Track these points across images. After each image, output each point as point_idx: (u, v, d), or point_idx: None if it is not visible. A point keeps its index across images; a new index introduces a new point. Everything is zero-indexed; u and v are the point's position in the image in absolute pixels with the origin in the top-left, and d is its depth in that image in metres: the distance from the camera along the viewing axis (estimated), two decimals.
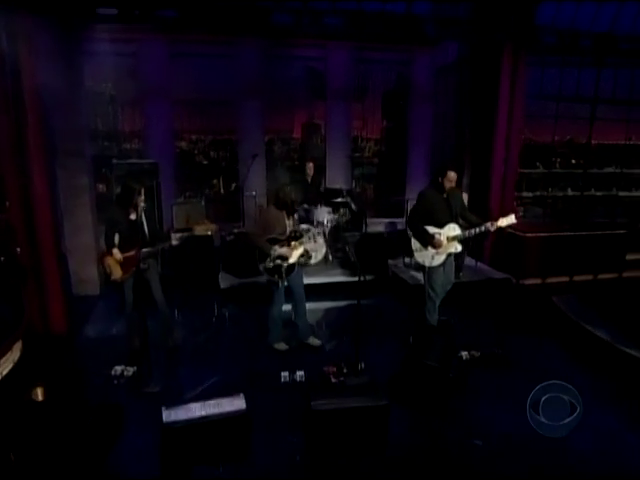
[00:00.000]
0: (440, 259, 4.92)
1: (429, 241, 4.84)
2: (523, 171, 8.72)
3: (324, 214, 7.04)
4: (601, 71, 8.30)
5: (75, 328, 5.31)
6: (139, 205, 4.52)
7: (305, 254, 4.57)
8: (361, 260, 6.71)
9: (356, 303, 6.24)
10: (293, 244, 4.51)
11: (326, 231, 4.54)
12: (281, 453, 3.42)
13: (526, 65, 7.12)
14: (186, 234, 4.67)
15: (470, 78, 7.85)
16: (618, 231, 7.60)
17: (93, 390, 4.11)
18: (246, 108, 8.53)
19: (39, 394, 3.80)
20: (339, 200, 7.49)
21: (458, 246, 4.93)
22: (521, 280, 7.00)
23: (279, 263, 4.46)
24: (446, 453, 3.50)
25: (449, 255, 4.99)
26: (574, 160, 10.23)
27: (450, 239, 4.87)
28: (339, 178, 8.96)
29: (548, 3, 7.05)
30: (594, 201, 9.64)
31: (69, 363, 4.57)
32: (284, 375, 4.29)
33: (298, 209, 4.74)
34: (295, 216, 4.66)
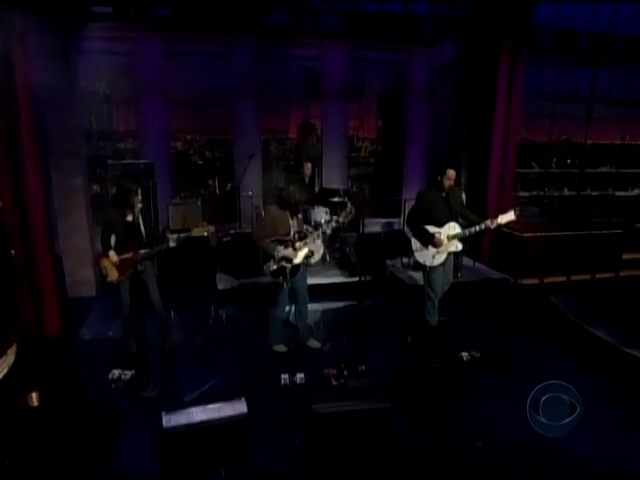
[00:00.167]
0: (441, 258, 4.90)
1: (429, 240, 4.82)
2: (519, 171, 8.71)
3: (321, 214, 7.00)
4: (597, 71, 8.32)
5: (71, 331, 5.23)
6: (136, 206, 4.45)
7: (310, 255, 4.50)
8: (359, 261, 6.75)
9: (354, 304, 6.27)
10: (298, 245, 4.43)
11: (328, 232, 4.45)
12: (282, 456, 3.38)
13: (523, 65, 7.12)
14: (183, 236, 4.57)
15: (467, 78, 7.82)
16: (615, 231, 7.62)
17: (90, 394, 4.04)
18: (242, 108, 8.47)
19: (34, 399, 3.73)
20: (336, 200, 7.45)
21: (459, 245, 4.92)
22: (519, 280, 7.00)
23: (283, 265, 4.39)
24: (449, 454, 3.47)
25: (449, 254, 4.98)
26: (570, 160, 10.28)
27: (450, 238, 4.86)
28: (335, 178, 8.92)
29: (545, 3, 7.05)
30: (590, 201, 9.68)
31: (65, 367, 4.49)
32: (284, 377, 4.24)
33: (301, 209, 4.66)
34: (299, 216, 4.58)
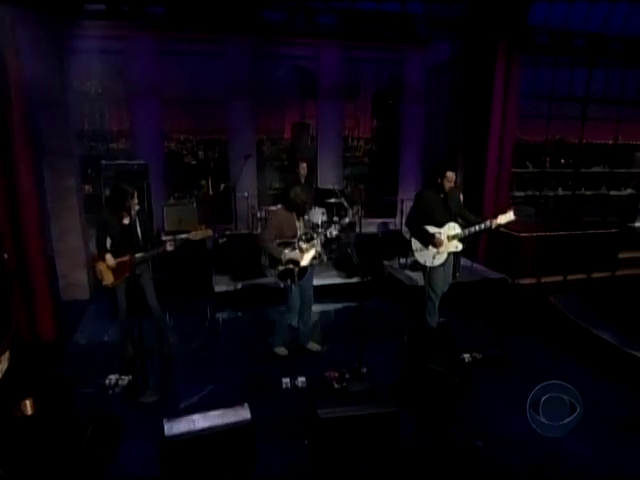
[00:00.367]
0: (441, 259, 4.89)
1: (429, 240, 4.82)
2: (514, 171, 8.73)
3: (318, 215, 6.95)
4: (592, 71, 8.36)
5: (65, 335, 5.11)
6: (132, 209, 4.36)
7: (317, 257, 4.42)
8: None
9: (352, 305, 6.27)
10: (305, 247, 4.35)
11: (335, 232, 4.38)
12: (287, 462, 3.31)
13: (519, 65, 7.12)
14: (180, 239, 4.48)
15: (463, 78, 7.82)
16: (610, 230, 7.65)
17: (86, 401, 3.94)
18: (236, 107, 8.38)
19: (28, 407, 3.63)
20: (332, 201, 7.40)
21: (459, 245, 4.92)
22: (516, 280, 7.00)
23: (291, 267, 4.31)
24: (454, 457, 3.43)
25: (449, 255, 4.96)
26: (563, 160, 10.33)
27: (450, 238, 4.86)
28: (331, 178, 8.85)
29: (540, 3, 7.05)
30: (584, 200, 9.73)
31: (60, 372, 4.36)
32: (285, 381, 4.17)
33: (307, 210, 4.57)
34: (305, 217, 4.50)
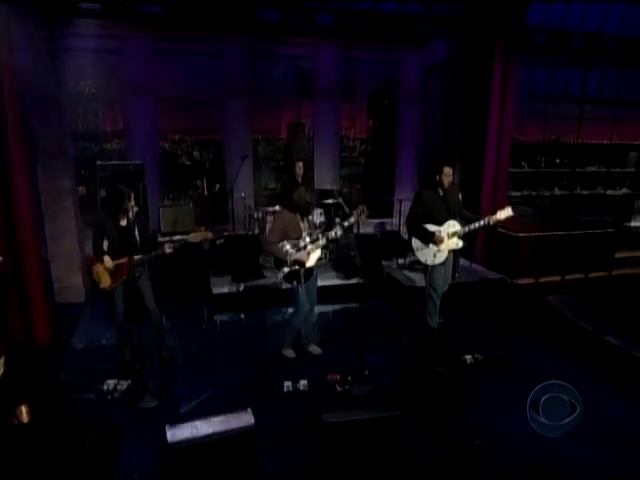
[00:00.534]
0: (442, 257, 4.90)
1: (430, 239, 4.84)
2: (510, 170, 8.74)
3: (317, 216, 6.90)
4: (589, 71, 8.37)
5: (61, 339, 5.02)
6: (129, 210, 4.29)
7: (323, 257, 4.38)
8: (354, 262, 6.66)
9: (351, 306, 6.24)
10: (310, 248, 4.30)
11: (340, 233, 4.33)
12: (291, 468, 3.27)
13: (517, 65, 7.12)
14: (177, 240, 4.42)
15: (460, 77, 7.81)
16: (607, 230, 7.68)
17: (85, 407, 3.85)
18: (233, 107, 8.32)
19: (24, 414, 3.55)
20: (330, 201, 7.35)
21: (459, 242, 4.94)
22: (514, 280, 7.00)
23: (296, 269, 4.25)
24: (459, 460, 3.41)
25: (450, 253, 4.97)
26: (558, 159, 10.36)
27: (450, 235, 4.87)
28: (328, 179, 8.81)
29: (538, 3, 7.06)
30: (580, 200, 9.76)
31: (56, 378, 4.28)
32: (287, 385, 4.12)
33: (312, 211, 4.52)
34: (310, 218, 4.45)
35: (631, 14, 7.73)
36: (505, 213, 4.71)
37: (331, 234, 4.29)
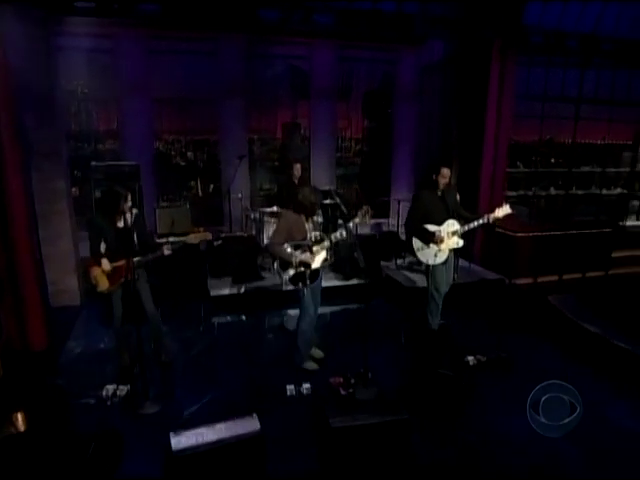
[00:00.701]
0: (443, 256, 4.90)
1: (430, 239, 4.84)
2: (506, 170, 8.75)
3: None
4: (584, 72, 8.40)
5: (57, 343, 4.91)
6: (126, 212, 4.21)
7: (328, 259, 4.32)
8: (354, 263, 6.62)
9: (351, 308, 6.20)
10: (315, 249, 4.21)
11: (344, 235, 4.27)
12: (296, 473, 3.22)
13: (514, 65, 7.11)
14: (174, 241, 4.35)
15: (457, 77, 7.79)
16: (604, 229, 7.70)
17: (84, 413, 3.76)
18: (228, 107, 8.24)
19: (20, 422, 3.46)
20: (328, 202, 7.29)
21: (459, 241, 4.94)
22: (513, 280, 6.98)
23: (302, 270, 4.18)
24: (465, 462, 3.37)
25: (451, 252, 4.97)
26: (553, 159, 10.41)
27: (450, 234, 4.87)
28: (324, 179, 8.79)
29: (535, 2, 7.06)
30: (576, 199, 9.80)
31: (53, 383, 4.18)
32: (289, 388, 4.05)
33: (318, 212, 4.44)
34: (314, 219, 4.36)
35: (626, 14, 7.77)
36: (503, 211, 4.73)
37: (336, 235, 4.23)
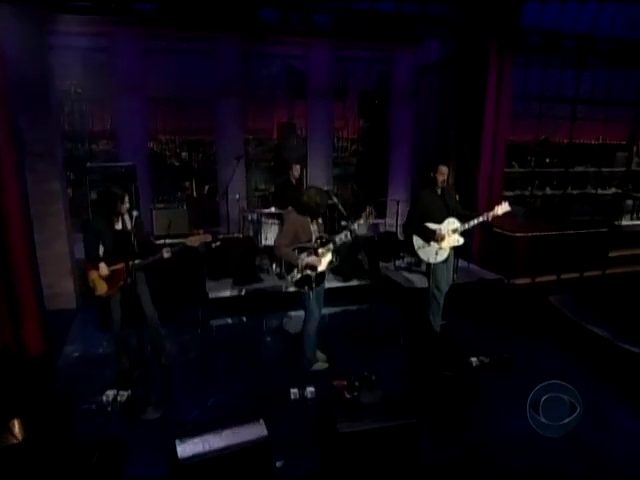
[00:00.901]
0: (444, 254, 4.89)
1: (431, 237, 4.83)
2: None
3: None
4: (581, 72, 8.44)
5: (54, 348, 4.81)
6: (123, 213, 4.13)
7: (333, 261, 4.27)
8: (353, 264, 6.58)
9: (350, 309, 6.16)
10: (320, 251, 4.16)
11: (349, 237, 4.22)
12: (302, 478, 3.17)
13: (512, 65, 7.12)
14: (175, 244, 4.28)
15: (454, 77, 7.78)
16: (601, 229, 7.73)
17: (84, 420, 3.68)
18: (225, 107, 8.18)
19: (18, 430, 3.37)
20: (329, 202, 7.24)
21: (460, 239, 4.93)
22: (512, 280, 6.99)
23: (308, 273, 4.12)
24: (470, 460, 3.37)
25: (452, 250, 4.96)
26: (548, 159, 10.46)
27: (451, 232, 4.87)
28: (321, 179, 8.73)
29: (532, 3, 7.07)
30: (571, 199, 9.85)
31: (51, 389, 4.09)
32: (293, 392, 3.99)
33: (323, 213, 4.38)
34: (319, 221, 4.30)
35: (622, 15, 7.81)
36: (503, 209, 4.75)
37: (341, 237, 4.18)
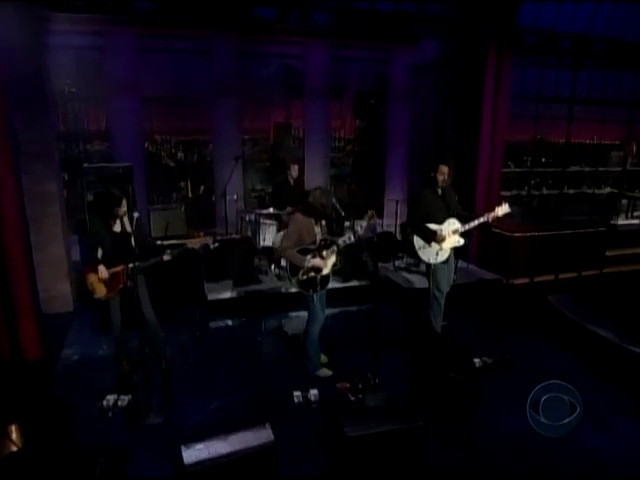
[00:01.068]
0: (445, 255, 4.88)
1: (432, 237, 4.82)
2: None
3: None
4: (577, 73, 8.47)
5: (52, 352, 4.73)
6: (121, 215, 4.07)
7: (338, 263, 4.23)
8: (353, 265, 6.56)
9: (350, 310, 6.12)
10: (325, 253, 4.11)
11: (353, 239, 4.19)
12: None
13: (510, 65, 7.13)
14: (176, 247, 4.23)
15: (451, 77, 7.78)
16: (598, 229, 7.77)
17: (85, 426, 3.61)
18: (222, 107, 8.10)
19: (16, 435, 3.30)
20: None
21: (460, 239, 4.92)
22: (510, 280, 7.00)
23: (313, 275, 4.08)
24: (476, 461, 3.35)
25: (452, 250, 4.95)
26: (544, 159, 10.51)
27: (452, 233, 4.86)
28: (318, 179, 8.70)
29: (529, 3, 7.09)
30: (568, 199, 9.89)
31: (51, 395, 4.01)
32: (296, 395, 3.95)
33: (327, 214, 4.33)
34: (323, 222, 4.25)
35: (617, 15, 7.84)
36: (503, 210, 4.74)
37: (344, 239, 4.15)
